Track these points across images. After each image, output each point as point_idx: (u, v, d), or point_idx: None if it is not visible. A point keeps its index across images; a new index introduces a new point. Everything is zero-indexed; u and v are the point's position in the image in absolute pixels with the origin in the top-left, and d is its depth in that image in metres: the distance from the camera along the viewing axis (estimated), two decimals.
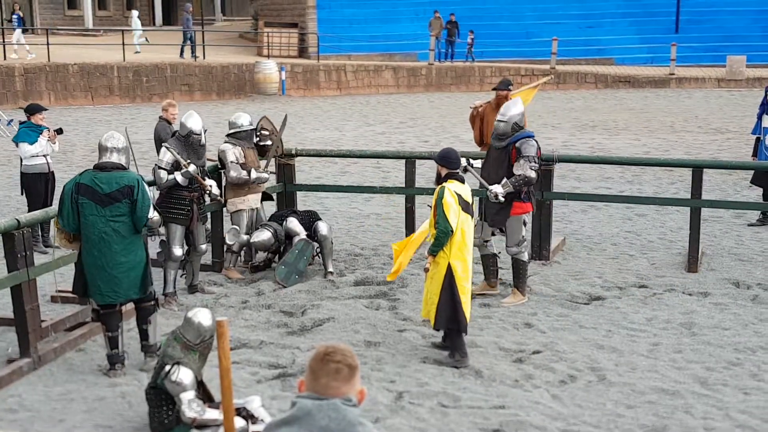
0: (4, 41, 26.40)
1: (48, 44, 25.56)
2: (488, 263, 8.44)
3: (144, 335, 6.77)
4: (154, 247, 8.64)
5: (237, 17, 44.55)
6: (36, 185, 10.21)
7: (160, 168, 8.14)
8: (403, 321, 7.74)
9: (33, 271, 6.78)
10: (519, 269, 8.22)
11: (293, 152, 10.48)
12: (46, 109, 10.61)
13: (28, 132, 10.14)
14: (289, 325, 7.72)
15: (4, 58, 25.07)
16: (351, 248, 10.18)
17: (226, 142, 9.14)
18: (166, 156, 8.13)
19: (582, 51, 33.07)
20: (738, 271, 9.19)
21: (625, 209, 12.08)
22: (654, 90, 30.06)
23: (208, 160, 8.91)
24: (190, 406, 5.49)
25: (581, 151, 17.02)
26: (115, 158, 6.53)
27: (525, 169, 7.90)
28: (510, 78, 21.83)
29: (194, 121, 8.26)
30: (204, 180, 8.26)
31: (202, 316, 5.67)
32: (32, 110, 10.31)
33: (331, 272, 9.00)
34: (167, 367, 5.56)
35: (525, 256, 8.22)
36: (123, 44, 26.67)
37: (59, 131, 10.43)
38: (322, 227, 9.19)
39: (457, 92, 29.89)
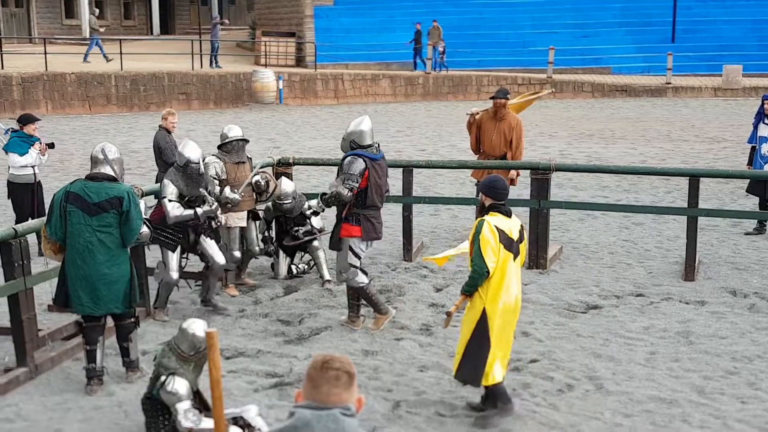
0: (1, 50, 26.41)
1: (45, 53, 25.59)
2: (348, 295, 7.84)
3: (125, 352, 6.67)
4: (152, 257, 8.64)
5: (234, 26, 44.60)
6: (22, 195, 10.23)
7: (169, 200, 7.86)
8: (401, 330, 7.74)
9: (30, 280, 6.77)
10: (359, 295, 7.62)
11: (291, 161, 10.49)
12: (39, 120, 10.53)
13: (19, 142, 10.09)
14: (286, 333, 7.71)
15: (2, 67, 25.08)
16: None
17: (213, 154, 8.87)
18: (169, 188, 7.91)
19: (579, 60, 33.16)
20: (735, 280, 9.21)
21: (622, 218, 12.10)
22: (651, 99, 30.13)
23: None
24: (186, 416, 5.48)
25: (578, 160, 17.05)
26: (107, 170, 6.47)
27: (338, 186, 7.37)
28: (507, 87, 21.91)
29: (191, 150, 7.97)
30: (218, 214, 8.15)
31: (197, 327, 5.66)
32: (25, 120, 10.23)
33: (329, 280, 8.98)
34: (162, 378, 5.56)
35: (359, 280, 7.56)
36: (120, 53, 26.70)
37: (51, 145, 10.32)
38: (314, 242, 9.18)
39: (454, 101, 29.95)
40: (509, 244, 5.87)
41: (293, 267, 9.37)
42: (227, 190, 8.52)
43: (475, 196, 11.04)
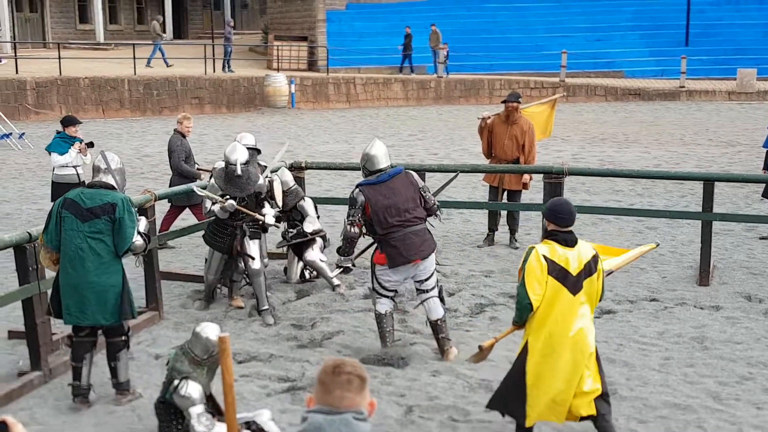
0: (16, 55, 26.58)
1: (59, 58, 25.74)
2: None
3: (113, 372, 6.42)
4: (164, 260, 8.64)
5: (247, 30, 44.75)
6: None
7: (206, 197, 8.13)
8: (413, 334, 7.72)
9: (44, 284, 6.77)
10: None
11: (303, 165, 10.49)
12: (80, 122, 11.14)
13: (60, 143, 10.62)
14: (298, 338, 7.71)
15: (16, 72, 25.24)
16: (360, 261, 10.15)
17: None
18: (211, 187, 8.15)
19: (591, 64, 33.08)
20: (750, 285, 9.14)
21: (636, 222, 12.05)
22: (664, 103, 30.02)
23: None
24: (199, 421, 5.48)
25: (591, 164, 16.99)
26: (107, 179, 6.38)
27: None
28: (519, 91, 21.86)
29: (235, 152, 8.02)
30: (254, 212, 8.09)
31: (210, 331, 5.65)
32: (67, 122, 10.84)
33: (338, 285, 8.94)
34: (175, 382, 5.56)
35: (378, 308, 7.30)
36: (134, 58, 26.83)
37: (90, 144, 10.86)
38: (307, 254, 9.02)
39: (467, 105, 29.93)
40: (563, 277, 5.34)
41: (306, 271, 9.34)
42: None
43: (488, 200, 11.03)
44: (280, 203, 8.83)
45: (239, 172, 7.98)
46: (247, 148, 8.61)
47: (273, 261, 9.61)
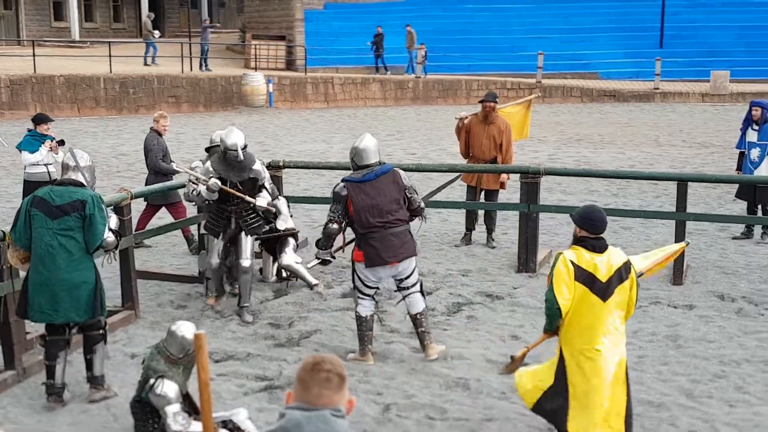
0: None
1: (34, 55, 25.50)
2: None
3: (88, 365, 6.40)
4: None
5: (224, 29, 44.54)
6: None
7: (191, 182, 8.13)
8: (391, 333, 7.74)
9: (17, 282, 6.72)
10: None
11: (281, 164, 10.48)
12: (52, 120, 11.03)
13: (31, 141, 10.53)
14: (276, 337, 7.70)
15: None
16: (338, 260, 10.16)
17: (201, 159, 8.89)
18: (205, 172, 8.10)
19: (568, 65, 33.27)
20: (722, 284, 9.25)
21: (611, 222, 12.04)
22: (639, 104, 30.26)
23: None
24: (175, 419, 5.46)
25: (567, 165, 17.11)
26: (77, 176, 6.35)
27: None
28: (496, 91, 21.95)
29: (231, 137, 7.94)
30: (246, 195, 8.03)
31: (186, 330, 5.64)
32: (38, 120, 10.78)
33: (316, 284, 8.93)
34: (151, 381, 5.54)
35: (358, 310, 7.18)
36: (110, 56, 26.63)
37: (61, 142, 10.75)
38: (282, 258, 8.93)
39: (444, 105, 30.01)
40: (590, 283, 5.27)
41: (283, 270, 9.32)
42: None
43: (465, 199, 11.07)
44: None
45: (241, 156, 7.93)
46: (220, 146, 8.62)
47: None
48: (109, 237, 6.30)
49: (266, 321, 8.09)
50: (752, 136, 11.25)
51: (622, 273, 5.33)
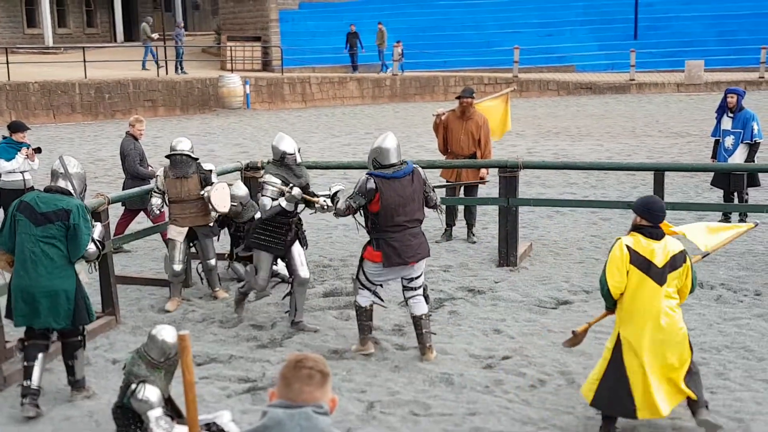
0: None
1: (8, 63, 25.27)
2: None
3: (70, 371, 6.41)
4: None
5: (199, 32, 44.37)
6: (10, 201, 10.19)
7: (264, 195, 7.72)
8: (374, 330, 7.73)
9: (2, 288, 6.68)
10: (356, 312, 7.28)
11: (259, 165, 10.44)
12: (28, 128, 10.90)
13: (7, 148, 10.43)
14: (258, 338, 7.69)
15: None
16: (320, 259, 10.17)
17: (165, 166, 8.69)
18: (270, 185, 7.72)
19: (543, 59, 33.41)
20: (701, 272, 9.30)
21: (590, 214, 12.21)
22: (615, 96, 30.43)
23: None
24: (158, 424, 5.44)
25: (545, 158, 17.18)
26: (65, 184, 6.35)
27: (341, 201, 7.11)
28: (473, 86, 22.01)
29: (286, 144, 7.85)
30: (314, 196, 7.92)
31: (166, 334, 5.61)
32: (14, 128, 10.62)
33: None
34: (133, 386, 5.51)
35: (359, 300, 7.19)
36: (84, 61, 26.44)
37: (38, 150, 10.66)
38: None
39: (422, 102, 30.04)
40: (646, 267, 5.52)
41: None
42: (154, 200, 8.59)
43: (445, 195, 11.09)
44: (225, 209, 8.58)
45: (299, 159, 7.89)
46: (183, 154, 8.48)
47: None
48: (91, 248, 6.28)
49: (248, 323, 8.07)
50: (727, 123, 11.34)
51: (677, 260, 5.57)
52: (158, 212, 8.82)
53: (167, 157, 8.65)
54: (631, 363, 5.56)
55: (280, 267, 8.95)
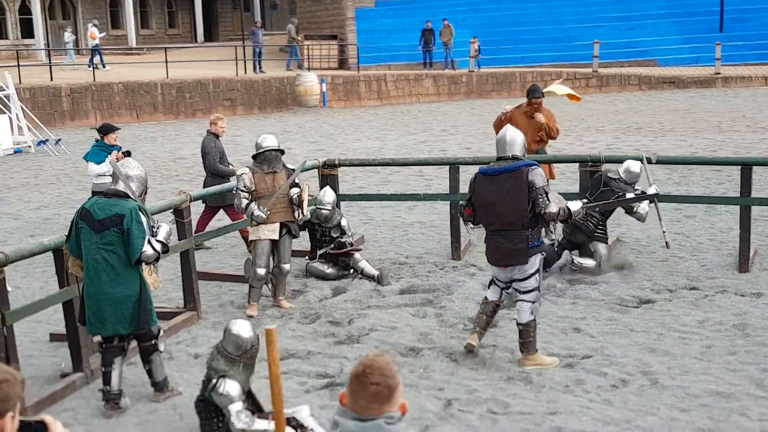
0: (50, 62, 26.95)
1: (93, 64, 26.05)
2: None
3: (149, 374, 6.50)
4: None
5: (277, 31, 44.93)
6: None
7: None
8: (450, 328, 7.70)
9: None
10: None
11: (336, 162, 10.51)
12: (119, 128, 10.75)
13: (98, 151, 10.30)
14: (335, 334, 7.72)
15: (51, 79, 25.60)
16: (396, 257, 10.17)
17: (247, 166, 8.53)
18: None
19: (624, 53, 32.74)
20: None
21: (674, 210, 11.89)
22: (699, 90, 29.62)
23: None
24: (238, 418, 5.51)
25: (626, 154, 16.79)
26: (121, 186, 6.31)
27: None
28: (553, 82, 21.65)
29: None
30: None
31: (240, 328, 5.67)
32: (105, 130, 10.43)
33: (376, 275, 8.99)
34: (213, 380, 5.60)
35: (486, 292, 7.14)
36: (166, 61, 27.08)
37: (127, 153, 10.55)
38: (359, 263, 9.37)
39: (498, 98, 29.77)
40: None
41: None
42: (254, 206, 8.19)
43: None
44: (306, 212, 8.48)
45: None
46: (271, 150, 8.33)
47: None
48: (147, 250, 6.17)
49: (326, 319, 8.12)
50: None
51: None
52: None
53: (255, 156, 8.43)
54: None
55: (364, 264, 9.09)
